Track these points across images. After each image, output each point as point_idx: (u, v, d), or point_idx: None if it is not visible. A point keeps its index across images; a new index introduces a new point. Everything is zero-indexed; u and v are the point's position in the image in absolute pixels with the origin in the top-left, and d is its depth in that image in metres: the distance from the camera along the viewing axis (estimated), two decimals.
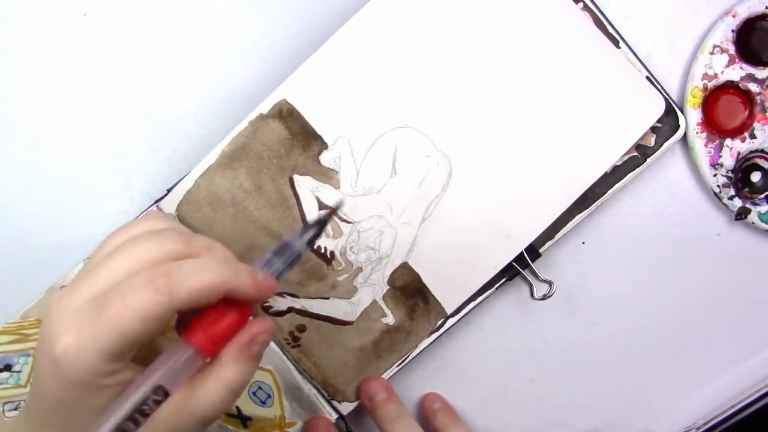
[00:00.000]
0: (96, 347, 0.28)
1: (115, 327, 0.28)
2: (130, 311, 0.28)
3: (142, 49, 0.46)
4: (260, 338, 0.32)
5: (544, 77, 0.43)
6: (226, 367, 0.31)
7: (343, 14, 0.43)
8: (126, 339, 0.29)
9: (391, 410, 0.43)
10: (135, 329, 0.29)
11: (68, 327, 0.29)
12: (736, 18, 0.43)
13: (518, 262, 0.43)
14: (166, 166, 0.46)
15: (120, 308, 0.28)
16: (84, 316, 0.29)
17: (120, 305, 0.28)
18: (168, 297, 0.29)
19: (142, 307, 0.28)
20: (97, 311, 0.29)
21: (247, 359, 0.31)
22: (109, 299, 0.29)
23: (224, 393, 0.31)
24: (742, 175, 0.44)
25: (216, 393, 0.31)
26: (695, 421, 0.46)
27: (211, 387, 0.31)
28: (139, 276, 0.29)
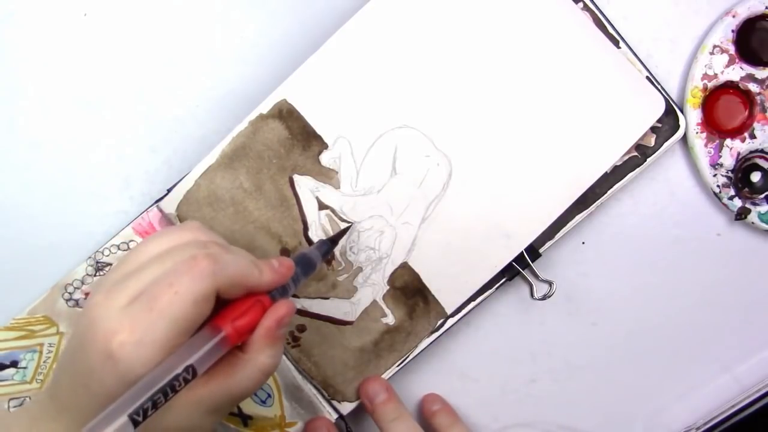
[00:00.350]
0: (152, 339, 0.30)
1: (167, 315, 0.30)
2: (179, 297, 0.30)
3: (142, 49, 0.46)
4: (285, 320, 0.34)
5: (544, 77, 0.43)
6: (259, 353, 0.34)
7: (343, 14, 0.43)
8: (180, 325, 0.30)
9: (391, 410, 0.43)
10: (186, 313, 0.30)
11: (122, 325, 0.30)
12: (736, 18, 0.43)
13: (518, 262, 0.43)
14: (166, 166, 0.46)
15: (170, 296, 0.30)
16: (135, 312, 0.30)
17: (170, 293, 0.30)
18: (212, 278, 0.31)
19: (190, 290, 0.31)
20: (149, 304, 0.30)
21: (274, 342, 0.34)
22: (157, 291, 0.31)
23: (258, 375, 0.34)
24: (742, 175, 0.44)
25: (252, 375, 0.34)
26: (695, 421, 0.46)
27: (248, 370, 0.33)
28: (180, 265, 0.31)
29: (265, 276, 0.34)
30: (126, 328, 0.30)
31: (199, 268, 0.31)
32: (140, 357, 0.30)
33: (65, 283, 0.44)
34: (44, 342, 0.44)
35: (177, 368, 0.30)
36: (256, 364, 0.34)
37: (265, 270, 0.34)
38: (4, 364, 0.44)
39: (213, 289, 0.31)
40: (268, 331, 0.34)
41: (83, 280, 0.45)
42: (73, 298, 0.44)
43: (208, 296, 0.31)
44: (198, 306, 0.31)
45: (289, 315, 0.34)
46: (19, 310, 0.44)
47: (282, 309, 0.34)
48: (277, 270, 0.35)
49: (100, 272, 0.45)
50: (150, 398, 0.28)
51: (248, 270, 0.33)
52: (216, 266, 0.31)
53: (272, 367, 0.34)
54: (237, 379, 0.33)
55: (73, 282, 0.44)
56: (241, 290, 0.33)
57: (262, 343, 0.34)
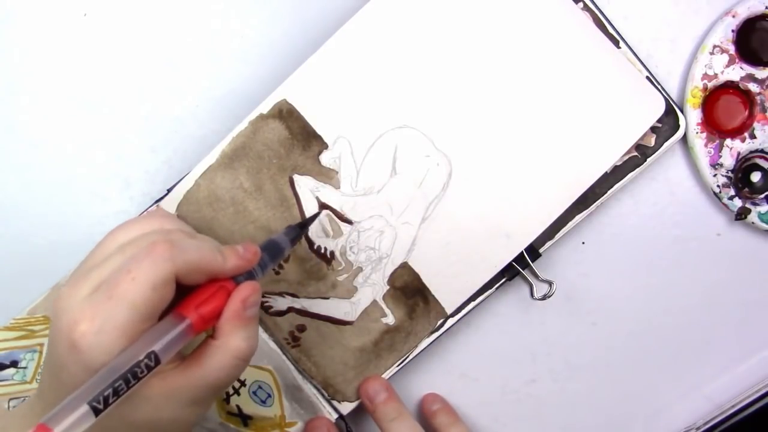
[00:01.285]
0: (112, 327, 0.30)
1: (126, 301, 0.30)
2: (137, 282, 0.30)
3: (142, 49, 0.46)
4: (250, 300, 0.34)
5: (544, 77, 0.43)
6: (229, 336, 0.33)
7: (343, 14, 0.43)
8: (138, 311, 0.30)
9: (391, 410, 0.43)
10: (145, 298, 0.30)
11: (83, 314, 0.30)
12: (736, 18, 0.43)
13: (518, 262, 0.43)
14: (166, 166, 0.46)
15: (127, 282, 0.30)
16: (96, 301, 0.30)
17: (127, 279, 0.30)
18: (170, 262, 0.31)
19: (148, 276, 0.30)
20: (108, 292, 0.30)
21: (244, 324, 0.33)
22: (116, 278, 0.30)
23: (233, 360, 0.33)
24: (742, 175, 0.44)
25: (226, 361, 0.33)
26: (695, 421, 0.46)
27: (221, 356, 0.33)
28: (139, 251, 0.31)
29: (229, 261, 0.33)
30: (87, 318, 0.30)
31: (157, 253, 0.31)
32: (101, 345, 0.29)
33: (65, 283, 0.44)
34: (44, 342, 0.44)
35: (138, 355, 0.29)
36: (229, 348, 0.33)
37: (229, 255, 0.34)
38: (4, 364, 0.44)
39: (171, 273, 0.31)
40: (234, 313, 0.33)
41: None
42: None
43: (166, 280, 0.31)
44: (157, 291, 0.30)
45: (253, 294, 0.34)
46: (19, 310, 0.44)
47: (246, 289, 0.34)
48: (242, 255, 0.34)
49: None
50: (110, 386, 0.28)
51: (209, 254, 0.33)
52: (174, 251, 0.31)
53: (247, 350, 0.33)
54: (212, 367, 0.33)
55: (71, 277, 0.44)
56: (203, 276, 0.33)
57: (231, 326, 0.33)
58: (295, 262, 0.44)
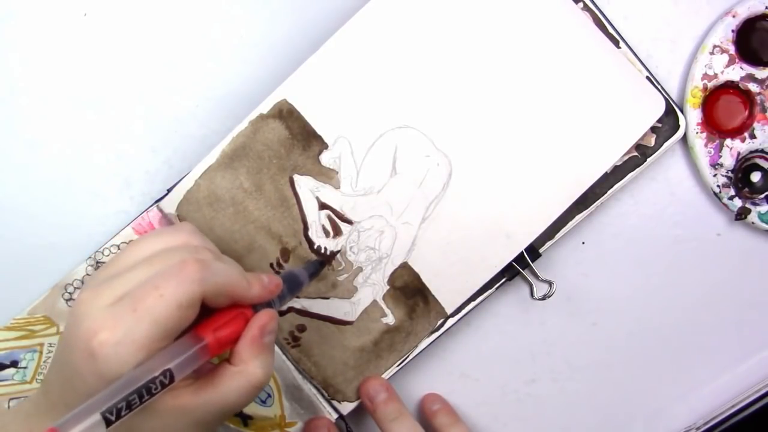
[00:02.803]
0: (132, 340, 0.30)
1: (150, 317, 0.30)
2: (164, 300, 0.30)
3: (142, 49, 0.46)
4: (268, 328, 0.34)
5: (544, 77, 0.43)
6: (247, 363, 0.33)
7: (343, 14, 0.43)
8: (161, 327, 0.30)
9: (391, 410, 0.43)
10: (169, 316, 0.30)
11: (104, 323, 0.30)
12: (736, 18, 0.43)
13: (518, 262, 0.43)
14: (166, 166, 0.46)
15: (154, 298, 0.30)
16: (119, 312, 0.30)
17: (154, 295, 0.30)
18: (199, 284, 0.31)
19: (175, 294, 0.30)
20: (132, 305, 0.30)
21: (261, 351, 0.34)
22: (143, 292, 0.30)
23: (248, 387, 0.33)
24: (742, 175, 0.44)
25: (241, 387, 0.33)
26: (695, 421, 0.46)
27: (236, 382, 0.33)
28: (169, 268, 0.31)
29: (253, 289, 0.34)
30: (108, 327, 0.30)
31: (187, 273, 0.31)
32: (119, 356, 0.29)
33: (65, 283, 0.44)
34: (44, 342, 0.44)
35: (155, 371, 0.29)
36: (245, 375, 0.33)
37: (254, 283, 0.34)
38: (4, 364, 0.44)
39: (199, 294, 0.31)
40: (253, 340, 0.33)
41: (83, 280, 0.45)
42: (73, 298, 0.44)
43: (193, 301, 0.31)
44: (182, 310, 0.31)
45: (271, 322, 0.34)
46: (19, 310, 0.44)
47: (265, 317, 0.34)
48: (266, 285, 0.35)
49: None
50: (125, 398, 0.28)
51: (237, 280, 0.33)
52: (205, 272, 0.31)
53: (262, 378, 0.34)
54: (226, 391, 0.33)
55: (73, 282, 0.44)
56: (227, 300, 0.33)
57: (249, 353, 0.33)
58: (295, 262, 0.44)
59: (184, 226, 0.36)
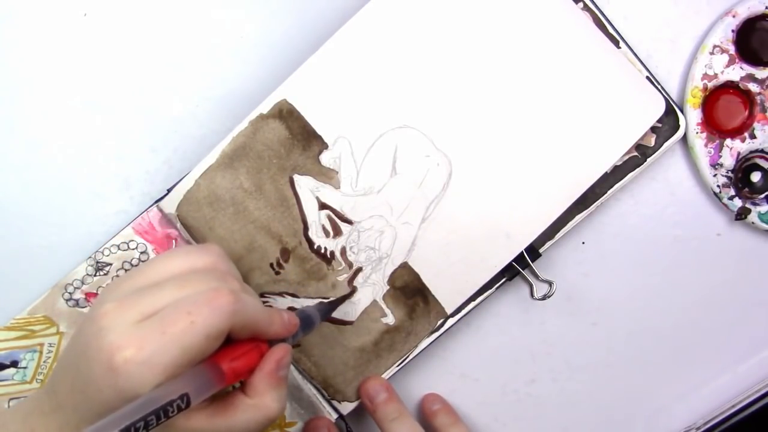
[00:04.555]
0: (159, 362, 0.30)
1: (179, 343, 0.30)
2: (195, 327, 0.30)
3: (142, 49, 0.46)
4: (284, 362, 0.35)
5: (544, 77, 0.43)
6: (263, 396, 0.34)
7: (343, 14, 0.43)
8: (188, 355, 0.30)
9: (391, 410, 0.43)
10: (198, 345, 0.30)
11: (131, 341, 0.30)
12: (736, 18, 0.43)
13: (518, 262, 0.43)
14: (166, 166, 0.46)
15: (185, 324, 0.30)
16: (147, 332, 0.30)
17: (186, 321, 0.30)
18: (230, 317, 0.31)
19: (206, 323, 0.30)
20: (162, 327, 0.30)
21: (277, 384, 0.34)
22: (174, 316, 0.30)
23: (261, 419, 0.34)
24: (742, 175, 0.44)
25: (255, 418, 0.34)
26: (695, 421, 0.46)
27: (251, 413, 0.33)
28: (202, 295, 0.31)
29: (273, 327, 0.34)
30: (134, 346, 0.30)
31: (220, 303, 0.31)
32: (143, 377, 0.29)
33: (65, 283, 0.44)
34: (44, 342, 0.44)
35: (173, 394, 0.29)
36: (260, 407, 0.34)
37: (275, 321, 0.35)
38: (4, 364, 0.44)
39: (229, 326, 0.31)
40: (269, 373, 0.34)
41: (83, 280, 0.45)
42: (73, 298, 0.44)
43: (222, 333, 0.31)
44: (210, 340, 0.31)
45: (287, 357, 0.35)
46: (19, 310, 0.44)
47: (280, 352, 0.35)
48: (285, 324, 0.35)
49: (100, 272, 0.45)
50: (143, 418, 0.28)
51: (261, 316, 0.34)
52: (237, 305, 0.31)
53: (276, 411, 0.34)
54: (239, 420, 0.33)
55: (73, 282, 0.44)
56: (248, 334, 0.33)
57: (265, 386, 0.34)
58: (295, 262, 0.44)
59: (213, 248, 0.36)
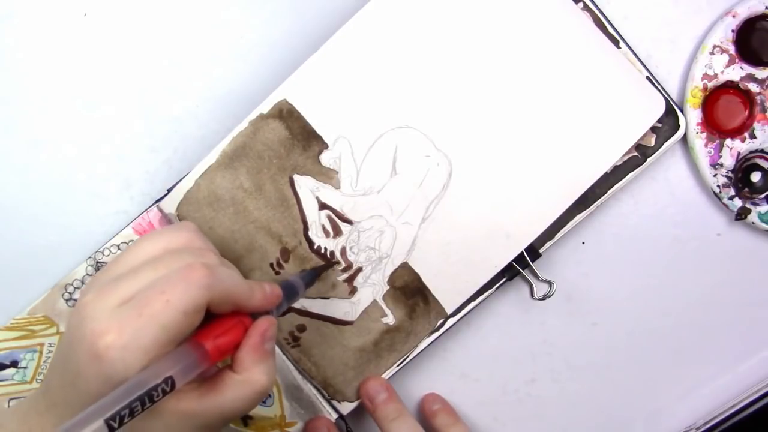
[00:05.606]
0: (138, 344, 0.30)
1: (156, 322, 0.30)
2: (170, 305, 0.30)
3: (142, 49, 0.46)
4: (268, 334, 0.34)
5: (544, 77, 0.43)
6: (251, 370, 0.33)
7: (343, 14, 0.43)
8: (168, 333, 0.30)
9: (391, 410, 0.43)
10: (175, 322, 0.30)
11: (110, 326, 0.30)
12: (736, 18, 0.43)
13: (518, 262, 0.43)
14: (166, 166, 0.46)
15: (161, 303, 0.30)
16: (125, 315, 0.30)
17: (161, 300, 0.30)
18: (206, 290, 0.31)
19: (182, 300, 0.30)
20: (139, 309, 0.30)
21: (264, 358, 0.34)
22: (149, 297, 0.30)
23: (251, 394, 0.33)
24: (742, 175, 0.44)
25: (244, 394, 0.33)
26: (695, 421, 0.46)
27: (240, 389, 0.33)
28: (175, 273, 0.31)
29: (255, 298, 0.34)
30: (114, 330, 0.30)
31: (194, 278, 0.31)
32: (125, 360, 0.29)
33: (65, 283, 0.44)
34: (44, 342, 0.44)
35: (157, 379, 0.29)
36: (249, 382, 0.33)
37: (256, 293, 0.34)
38: (4, 364, 0.44)
39: (206, 300, 0.31)
40: (255, 346, 0.33)
41: (83, 280, 0.45)
42: (73, 298, 0.45)
43: (199, 308, 0.31)
44: (188, 317, 0.30)
45: (271, 329, 0.34)
46: (19, 310, 0.44)
47: (264, 324, 0.34)
48: (267, 296, 0.35)
49: None
50: (128, 405, 0.28)
51: (241, 288, 0.33)
52: (212, 278, 0.31)
53: (266, 384, 0.34)
54: (229, 398, 0.33)
55: (73, 282, 0.44)
56: (230, 307, 0.33)
57: (251, 360, 0.33)
58: (295, 262, 0.44)
59: (187, 225, 0.36)
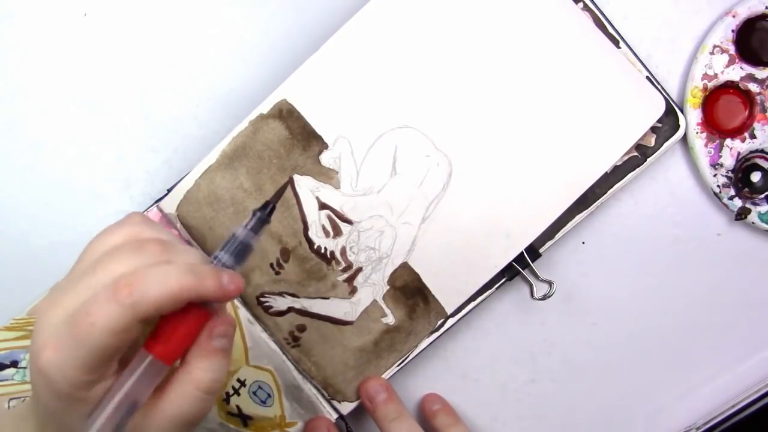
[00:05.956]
0: (72, 363, 0.29)
1: (85, 344, 0.28)
2: (96, 328, 0.28)
3: (142, 49, 0.46)
4: (217, 331, 0.31)
5: (544, 77, 0.43)
6: (191, 366, 0.31)
7: (343, 14, 0.43)
8: (98, 353, 0.29)
9: (391, 410, 0.43)
10: (104, 343, 0.29)
11: (48, 342, 0.29)
12: (736, 18, 0.43)
13: (518, 262, 0.43)
14: (166, 166, 0.46)
15: (87, 326, 0.28)
16: (60, 332, 0.29)
17: (86, 323, 0.28)
18: (131, 309, 0.29)
19: (107, 323, 0.28)
20: (70, 329, 0.29)
21: (208, 355, 0.31)
22: (77, 317, 0.29)
23: (196, 392, 0.31)
24: (742, 175, 0.44)
25: (188, 394, 0.31)
26: (695, 421, 0.46)
27: (182, 389, 0.31)
28: (103, 290, 0.29)
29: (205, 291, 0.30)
30: (51, 347, 0.29)
31: (118, 298, 0.29)
32: (65, 377, 0.29)
33: None
34: None
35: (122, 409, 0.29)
36: (190, 379, 0.31)
37: (207, 283, 0.30)
38: (4, 364, 0.44)
39: (132, 320, 0.29)
40: (198, 343, 0.31)
41: None
42: None
43: (127, 329, 0.29)
44: (116, 336, 0.29)
45: (221, 325, 0.31)
46: (19, 310, 0.44)
47: (215, 322, 0.31)
48: (223, 288, 0.31)
49: None
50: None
51: (180, 285, 0.29)
52: (135, 296, 0.29)
53: (209, 383, 0.31)
54: (172, 398, 0.31)
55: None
56: (178, 304, 0.30)
57: (193, 356, 0.31)
58: (295, 262, 0.44)
59: (131, 218, 0.33)
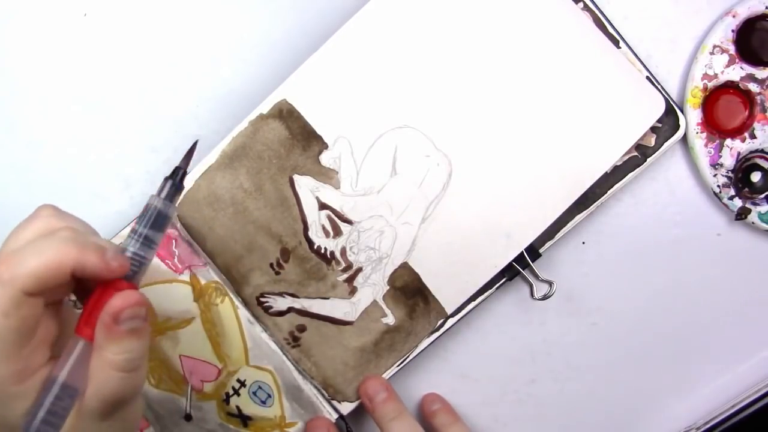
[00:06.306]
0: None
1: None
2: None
3: (142, 49, 0.46)
4: (125, 314, 0.29)
5: (544, 77, 0.43)
6: (102, 350, 0.30)
7: (343, 14, 0.43)
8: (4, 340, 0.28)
9: (391, 410, 0.43)
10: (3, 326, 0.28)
11: None
12: (736, 18, 0.43)
13: (518, 262, 0.43)
14: (166, 166, 0.46)
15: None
16: None
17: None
18: (10, 286, 0.28)
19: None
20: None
21: (118, 338, 0.29)
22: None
23: (115, 373, 0.29)
24: (742, 175, 0.44)
25: (108, 376, 0.30)
26: (695, 421, 0.46)
27: (101, 371, 0.30)
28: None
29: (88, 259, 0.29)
30: None
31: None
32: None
33: None
34: None
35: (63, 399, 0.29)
36: (107, 361, 0.29)
37: (89, 254, 0.29)
38: None
39: (15, 297, 0.28)
40: (105, 326, 0.29)
41: None
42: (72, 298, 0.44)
43: (16, 304, 0.28)
44: (9, 317, 0.28)
45: (129, 307, 0.29)
46: None
47: (118, 301, 0.29)
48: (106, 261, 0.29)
49: None
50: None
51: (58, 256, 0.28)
52: (11, 271, 0.28)
53: (126, 363, 0.29)
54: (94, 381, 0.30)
55: None
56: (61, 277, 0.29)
57: (102, 338, 0.29)
58: (295, 262, 0.44)
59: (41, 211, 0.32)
